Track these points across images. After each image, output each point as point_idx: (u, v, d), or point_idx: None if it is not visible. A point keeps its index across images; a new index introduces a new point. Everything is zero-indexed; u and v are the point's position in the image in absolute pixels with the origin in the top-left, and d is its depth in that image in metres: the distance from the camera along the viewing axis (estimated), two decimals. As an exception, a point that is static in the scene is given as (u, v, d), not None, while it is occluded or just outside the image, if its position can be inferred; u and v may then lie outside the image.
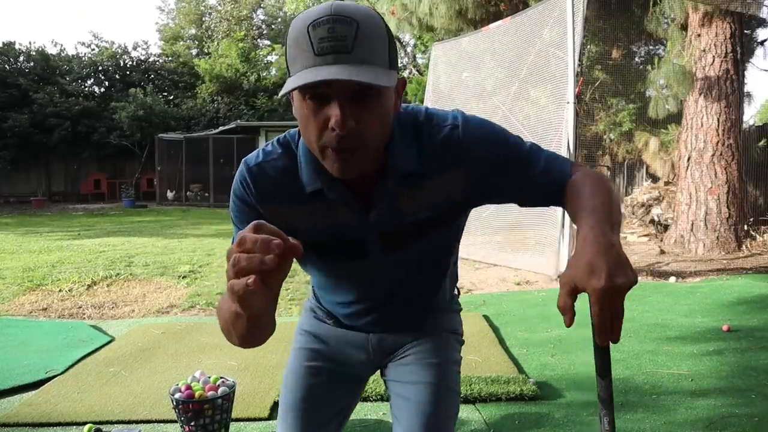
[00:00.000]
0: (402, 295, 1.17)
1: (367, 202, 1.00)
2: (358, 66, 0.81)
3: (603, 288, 0.72)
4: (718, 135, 7.08)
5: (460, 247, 1.19)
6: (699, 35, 7.27)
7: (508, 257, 6.36)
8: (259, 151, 1.04)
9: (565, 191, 0.99)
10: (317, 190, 0.99)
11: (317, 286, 1.26)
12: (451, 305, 1.31)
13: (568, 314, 0.75)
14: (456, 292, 1.36)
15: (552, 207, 5.26)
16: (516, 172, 1.02)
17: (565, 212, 1.02)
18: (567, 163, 1.04)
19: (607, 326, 0.75)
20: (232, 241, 1.03)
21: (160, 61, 21.81)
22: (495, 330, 3.87)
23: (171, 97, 20.76)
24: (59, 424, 2.47)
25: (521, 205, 1.08)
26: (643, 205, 9.26)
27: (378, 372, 1.34)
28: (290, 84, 0.83)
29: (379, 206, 1.01)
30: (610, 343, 0.78)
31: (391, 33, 0.90)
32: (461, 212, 1.10)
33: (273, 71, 20.58)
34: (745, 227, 7.23)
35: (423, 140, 1.00)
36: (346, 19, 0.82)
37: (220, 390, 2.25)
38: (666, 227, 8.18)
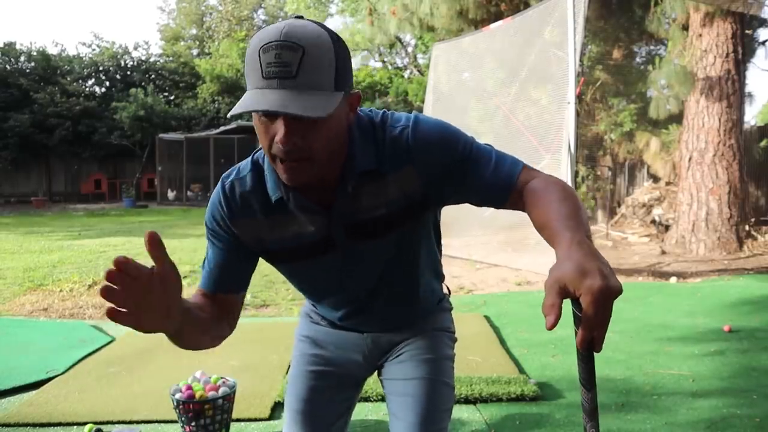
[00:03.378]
0: (381, 292, 1.20)
1: (328, 203, 1.05)
2: (300, 92, 0.85)
3: (600, 288, 0.70)
4: (720, 135, 7.07)
5: (461, 247, 1.20)
6: (700, 35, 7.26)
7: (509, 257, 6.35)
8: (233, 170, 1.11)
9: (522, 194, 1.00)
10: (280, 198, 1.04)
11: (303, 294, 1.31)
12: (441, 305, 1.36)
13: (555, 314, 0.72)
14: (446, 291, 1.42)
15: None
16: (464, 172, 1.04)
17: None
18: (518, 164, 1.05)
19: (596, 331, 0.72)
20: (206, 255, 1.14)
21: (161, 61, 21.79)
22: (496, 330, 3.87)
23: (172, 97, 20.75)
24: (60, 424, 2.47)
25: (475, 205, 1.09)
26: (644, 205, 9.26)
27: (375, 373, 1.37)
28: (237, 107, 0.87)
29: (341, 204, 1.04)
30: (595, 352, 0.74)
31: (342, 53, 0.92)
32: (420, 211, 1.11)
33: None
34: (747, 227, 7.22)
35: (377, 140, 1.04)
36: (293, 45, 0.86)
37: (221, 390, 2.25)
38: (667, 227, 8.18)
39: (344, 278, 1.16)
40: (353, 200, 1.04)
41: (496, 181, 1.02)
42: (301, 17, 0.93)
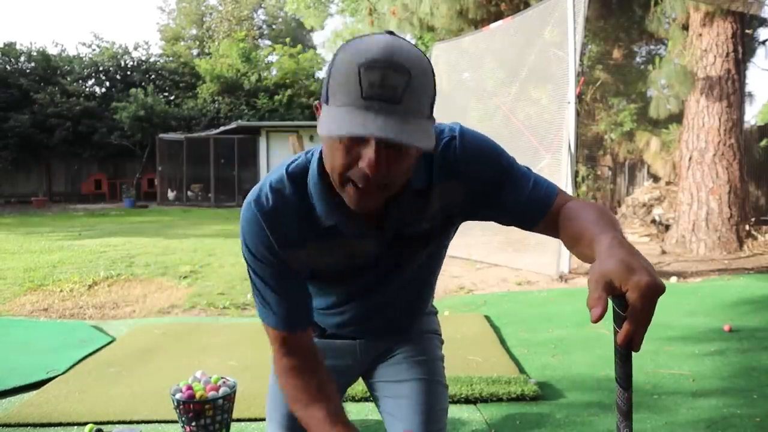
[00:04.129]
0: (396, 302, 1.20)
1: (379, 223, 1.01)
2: (404, 119, 0.80)
3: (648, 283, 0.69)
4: (720, 135, 7.07)
5: (461, 247, 1.21)
6: (700, 35, 7.26)
7: (509, 257, 6.35)
8: (266, 192, 0.99)
9: (558, 215, 1.00)
10: (331, 225, 0.99)
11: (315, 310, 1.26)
12: (429, 308, 1.36)
13: (602, 307, 0.70)
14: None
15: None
16: (502, 189, 1.03)
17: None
18: (555, 187, 1.05)
19: (639, 329, 0.71)
20: (262, 298, 1.03)
21: (161, 61, 21.79)
22: (496, 330, 3.87)
23: (172, 97, 20.76)
24: (60, 424, 2.47)
25: (502, 223, 1.08)
26: (644, 205, 9.25)
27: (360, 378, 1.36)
28: (333, 126, 0.80)
29: (391, 223, 1.01)
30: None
31: (434, 79, 0.88)
32: (454, 224, 1.11)
33: (274, 71, 20.57)
34: (747, 227, 7.22)
35: (433, 160, 1.01)
36: (401, 67, 0.80)
37: (221, 390, 2.24)
38: (667, 227, 8.18)
39: (369, 291, 1.14)
40: (402, 217, 1.02)
41: (534, 201, 1.02)
42: (392, 33, 0.87)
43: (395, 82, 0.79)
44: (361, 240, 1.02)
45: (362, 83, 0.79)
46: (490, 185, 1.02)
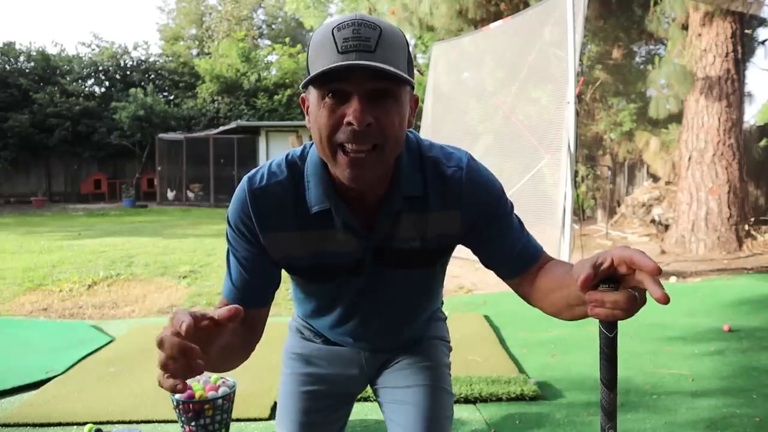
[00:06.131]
0: (393, 317, 1.18)
1: (369, 224, 1.00)
2: (381, 62, 0.83)
3: (654, 264, 0.69)
4: (719, 135, 7.07)
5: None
6: (700, 35, 7.26)
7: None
8: (263, 172, 1.01)
9: (538, 271, 1.03)
10: (323, 210, 0.98)
11: (304, 313, 1.25)
12: (436, 314, 1.33)
13: (585, 275, 0.73)
14: (441, 301, 1.37)
15: (552, 208, 5.20)
16: (499, 230, 1.04)
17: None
18: (540, 245, 1.08)
19: (649, 280, 0.70)
20: (227, 261, 1.03)
21: (161, 61, 21.77)
22: (495, 330, 3.87)
23: (171, 97, 20.75)
24: (59, 424, 2.47)
25: (486, 263, 1.09)
26: (643, 204, 9.26)
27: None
28: (312, 73, 0.84)
29: (381, 228, 1.01)
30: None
31: (409, 49, 0.91)
32: (449, 252, 1.11)
33: (273, 71, 20.56)
34: (746, 227, 7.22)
35: (426, 170, 1.01)
36: (371, 24, 0.84)
37: (221, 390, 2.25)
38: (667, 227, 8.18)
39: (360, 301, 1.12)
40: (393, 226, 1.01)
41: (526, 251, 1.04)
42: None
43: (368, 33, 0.83)
44: (345, 234, 0.99)
45: (336, 41, 0.83)
46: (486, 223, 1.03)
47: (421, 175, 1.00)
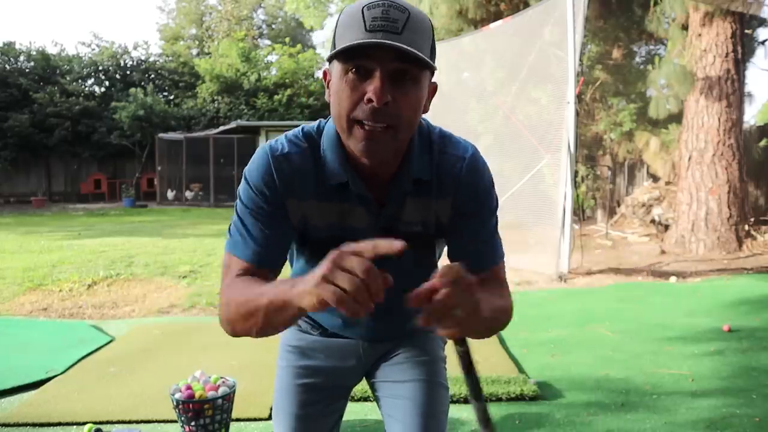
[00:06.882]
0: (392, 304, 1.18)
1: (380, 201, 1.03)
2: (406, 44, 0.85)
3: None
4: (719, 135, 7.08)
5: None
6: (700, 35, 7.26)
7: (509, 257, 6.21)
8: (283, 141, 1.03)
9: (485, 276, 1.04)
10: (340, 183, 1.00)
11: None
12: None
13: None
14: None
15: (552, 208, 5.20)
16: (472, 225, 1.07)
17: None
18: (503, 256, 1.12)
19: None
20: (239, 222, 1.01)
21: (161, 60, 21.76)
22: (495, 330, 3.87)
23: (171, 97, 20.73)
24: (59, 424, 2.47)
25: (451, 252, 1.11)
26: (643, 205, 9.25)
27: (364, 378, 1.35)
28: (339, 47, 0.86)
29: (390, 207, 1.03)
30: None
31: (434, 37, 0.94)
32: (441, 236, 1.12)
33: (273, 71, 20.56)
34: (746, 227, 7.23)
35: (433, 155, 1.04)
36: (400, 6, 0.87)
37: (221, 390, 2.24)
38: (667, 227, 8.18)
39: None
40: (401, 208, 1.04)
41: (485, 254, 1.08)
42: None
43: (396, 15, 0.86)
44: (360, 209, 1.02)
45: (365, 19, 0.86)
46: (470, 214, 1.06)
47: (429, 159, 1.03)
